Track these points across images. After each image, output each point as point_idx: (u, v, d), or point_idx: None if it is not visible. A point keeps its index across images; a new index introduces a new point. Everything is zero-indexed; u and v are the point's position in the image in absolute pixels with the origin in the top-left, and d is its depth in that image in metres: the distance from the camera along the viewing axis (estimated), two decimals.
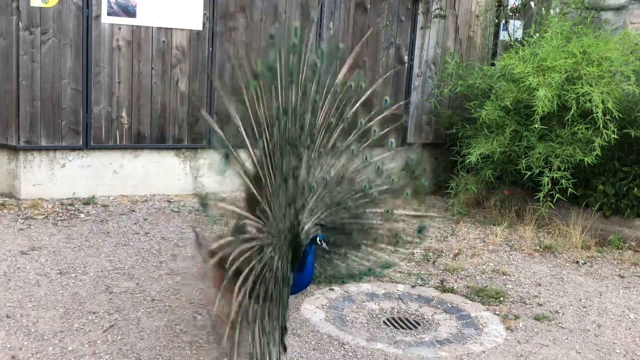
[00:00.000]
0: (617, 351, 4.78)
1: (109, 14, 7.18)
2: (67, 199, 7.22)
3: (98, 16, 7.13)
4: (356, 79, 4.64)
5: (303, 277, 4.34)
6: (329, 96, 4.53)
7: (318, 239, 4.26)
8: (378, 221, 5.16)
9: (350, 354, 4.44)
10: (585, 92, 6.58)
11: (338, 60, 4.55)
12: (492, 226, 7.54)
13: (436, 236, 7.03)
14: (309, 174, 4.50)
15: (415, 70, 9.00)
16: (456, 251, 6.56)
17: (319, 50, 4.43)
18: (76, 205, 7.07)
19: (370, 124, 4.76)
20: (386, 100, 4.98)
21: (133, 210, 7.11)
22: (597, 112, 6.49)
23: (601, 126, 6.56)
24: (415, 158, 5.09)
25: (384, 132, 4.90)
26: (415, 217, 5.36)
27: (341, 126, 4.65)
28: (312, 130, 4.42)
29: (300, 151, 4.28)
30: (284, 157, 4.10)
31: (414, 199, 5.19)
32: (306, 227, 4.63)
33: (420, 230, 5.36)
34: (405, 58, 8.92)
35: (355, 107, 4.73)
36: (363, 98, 4.79)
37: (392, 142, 4.96)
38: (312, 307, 5.11)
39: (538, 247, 6.93)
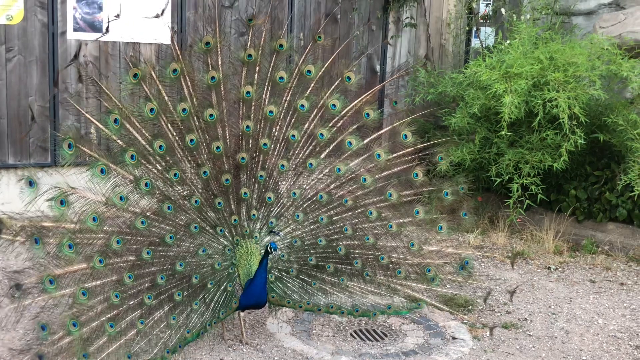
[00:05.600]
0: (584, 358, 4.76)
1: (75, 29, 7.14)
2: (37, 217, 7.13)
3: (64, 32, 7.09)
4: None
5: (251, 289, 4.28)
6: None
7: (269, 246, 4.16)
8: (400, 255, 4.87)
9: None
10: (552, 97, 6.58)
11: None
12: (465, 233, 7.52)
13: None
14: (255, 184, 4.46)
15: (388, 79, 9.00)
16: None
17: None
18: None
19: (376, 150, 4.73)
20: (405, 136, 4.90)
21: None
22: (564, 118, 6.50)
23: (568, 131, 6.57)
24: (449, 191, 4.95)
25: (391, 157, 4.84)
26: (450, 254, 5.05)
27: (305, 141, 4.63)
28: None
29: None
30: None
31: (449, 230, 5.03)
32: (265, 240, 4.58)
33: (464, 266, 5.10)
34: (378, 67, 8.93)
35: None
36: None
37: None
38: (278, 321, 5.06)
39: (510, 254, 6.91)
